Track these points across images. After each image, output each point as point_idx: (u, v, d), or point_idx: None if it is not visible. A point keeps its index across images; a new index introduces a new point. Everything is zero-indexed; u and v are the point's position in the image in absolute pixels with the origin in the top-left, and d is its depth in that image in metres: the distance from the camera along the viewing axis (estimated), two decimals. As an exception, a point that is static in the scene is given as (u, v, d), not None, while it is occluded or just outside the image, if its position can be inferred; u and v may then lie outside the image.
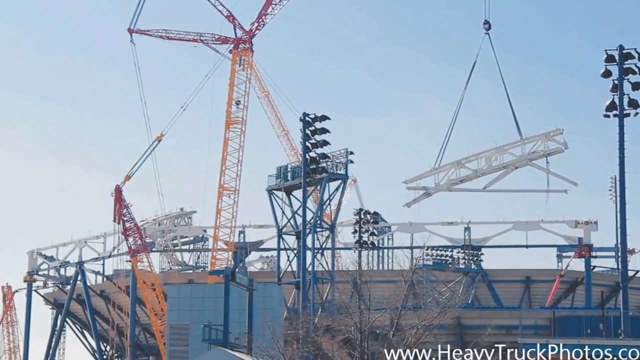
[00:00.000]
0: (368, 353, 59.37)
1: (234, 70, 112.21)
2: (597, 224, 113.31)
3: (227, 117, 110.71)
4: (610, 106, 69.60)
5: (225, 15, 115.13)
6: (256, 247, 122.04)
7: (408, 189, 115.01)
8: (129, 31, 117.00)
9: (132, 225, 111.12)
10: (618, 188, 72.40)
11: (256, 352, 64.85)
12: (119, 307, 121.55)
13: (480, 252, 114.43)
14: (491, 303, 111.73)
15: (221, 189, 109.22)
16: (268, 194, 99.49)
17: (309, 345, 63.23)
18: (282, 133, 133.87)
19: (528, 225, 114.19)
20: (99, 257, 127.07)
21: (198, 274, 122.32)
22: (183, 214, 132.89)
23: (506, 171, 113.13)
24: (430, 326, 60.59)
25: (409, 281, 66.20)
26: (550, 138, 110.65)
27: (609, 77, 69.56)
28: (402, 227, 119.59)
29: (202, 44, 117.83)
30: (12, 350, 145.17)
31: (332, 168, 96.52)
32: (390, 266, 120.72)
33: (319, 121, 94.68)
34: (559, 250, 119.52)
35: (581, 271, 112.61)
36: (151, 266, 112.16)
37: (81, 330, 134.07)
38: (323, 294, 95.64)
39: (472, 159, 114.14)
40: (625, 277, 72.47)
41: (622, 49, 69.44)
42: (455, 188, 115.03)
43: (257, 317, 69.94)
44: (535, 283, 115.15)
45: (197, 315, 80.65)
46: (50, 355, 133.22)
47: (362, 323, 59.35)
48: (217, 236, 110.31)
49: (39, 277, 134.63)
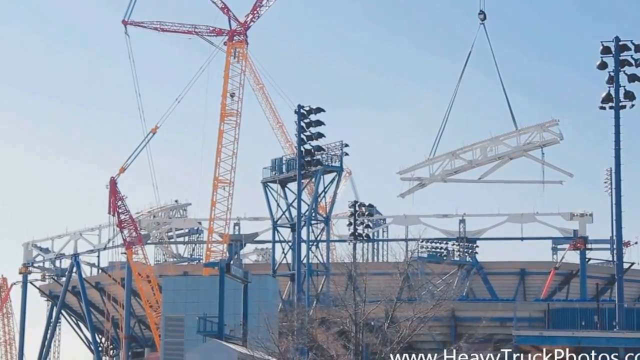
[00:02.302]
0: (363, 345, 59.34)
1: (229, 63, 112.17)
2: (592, 216, 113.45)
3: (222, 109, 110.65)
4: (606, 98, 69.46)
5: (219, 7, 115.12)
6: (251, 239, 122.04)
7: (402, 180, 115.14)
8: (124, 23, 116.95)
9: (127, 217, 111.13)
10: (614, 180, 72.37)
11: (251, 343, 64.81)
12: (114, 299, 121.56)
13: (475, 245, 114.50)
14: (486, 295, 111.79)
15: (216, 181, 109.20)
16: (263, 186, 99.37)
17: (304, 337, 63.16)
18: (277, 125, 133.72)
19: (523, 217, 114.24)
20: (94, 249, 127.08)
21: (193, 266, 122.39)
22: (178, 206, 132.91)
23: (501, 162, 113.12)
24: (425, 318, 60.52)
25: (404, 273, 66.13)
26: (546, 129, 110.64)
27: (605, 68, 69.37)
28: (397, 220, 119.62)
29: (197, 36, 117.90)
30: (7, 342, 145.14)
31: (327, 160, 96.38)
32: (385, 258, 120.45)
33: (314, 113, 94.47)
34: (554, 243, 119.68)
35: (576, 263, 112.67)
36: (146, 258, 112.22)
37: (76, 322, 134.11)
38: (318, 286, 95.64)
39: (467, 149, 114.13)
40: (620, 269, 72.41)
41: (618, 41, 69.31)
42: (450, 179, 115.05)
43: (252, 309, 69.96)
44: (530, 275, 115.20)
45: (192, 307, 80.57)
46: (46, 347, 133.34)
47: (357, 315, 59.27)
48: (212, 228, 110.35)
49: (35, 269, 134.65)
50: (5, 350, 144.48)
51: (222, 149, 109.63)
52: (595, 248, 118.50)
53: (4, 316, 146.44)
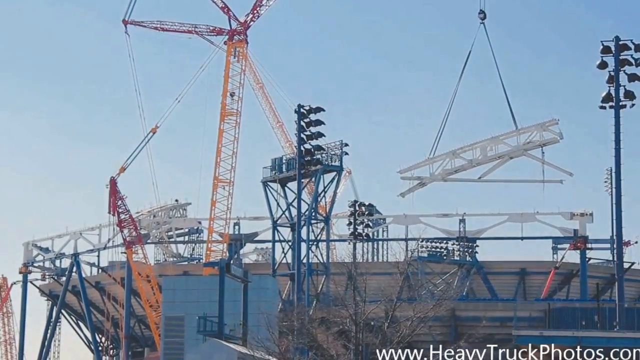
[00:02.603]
0: (363, 345, 59.28)
1: (229, 62, 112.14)
2: (592, 216, 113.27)
3: (222, 108, 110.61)
4: (606, 98, 69.48)
5: (220, 6, 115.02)
6: (251, 238, 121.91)
7: (402, 179, 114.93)
8: (124, 22, 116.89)
9: (127, 217, 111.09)
10: (614, 180, 72.33)
11: (251, 343, 64.77)
12: (114, 299, 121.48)
13: (475, 244, 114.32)
14: (486, 295, 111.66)
15: (216, 180, 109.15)
16: (263, 185, 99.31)
17: (304, 337, 63.11)
18: (277, 125, 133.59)
19: (523, 217, 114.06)
20: (94, 249, 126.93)
21: (193, 265, 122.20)
22: (178, 206, 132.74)
23: (501, 161, 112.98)
24: (425, 318, 60.49)
25: (404, 273, 66.08)
26: (546, 128, 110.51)
27: (605, 68, 69.43)
28: (397, 219, 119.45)
29: (197, 36, 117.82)
30: (7, 341, 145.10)
31: (326, 160, 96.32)
32: (385, 258, 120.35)
33: (314, 113, 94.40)
34: (554, 242, 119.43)
35: (576, 263, 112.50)
36: (146, 258, 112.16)
37: (76, 321, 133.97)
38: (318, 285, 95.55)
39: (467, 149, 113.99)
40: (620, 269, 72.44)
41: (618, 40, 69.33)
42: (450, 178, 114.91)
43: (252, 308, 69.95)
44: (531, 275, 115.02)
45: (192, 306, 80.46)
46: (46, 347, 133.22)
47: (357, 315, 59.23)
48: (212, 228, 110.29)
49: (35, 269, 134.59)
50: (6, 350, 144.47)
51: (222, 148, 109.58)
52: (596, 248, 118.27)
53: (4, 316, 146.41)
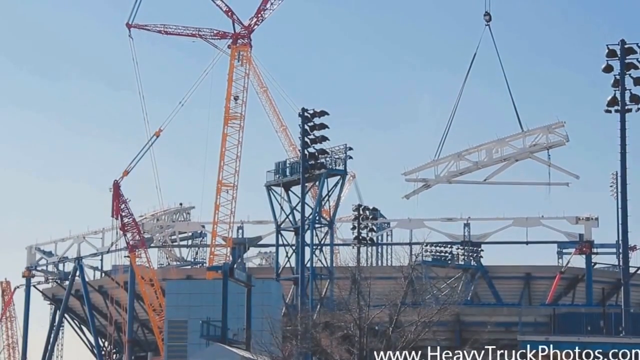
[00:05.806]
0: (367, 350, 58.99)
1: (233, 66, 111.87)
2: (598, 220, 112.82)
3: (226, 112, 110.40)
4: (612, 102, 69.27)
5: (224, 10, 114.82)
6: (255, 243, 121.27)
7: (407, 181, 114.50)
8: (127, 26, 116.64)
9: (131, 220, 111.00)
10: (619, 184, 72.05)
11: (254, 348, 64.64)
12: (117, 303, 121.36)
13: (480, 249, 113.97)
14: (491, 300, 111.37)
15: (220, 184, 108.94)
16: (267, 189, 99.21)
17: (308, 341, 62.92)
18: (281, 129, 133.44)
19: (528, 221, 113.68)
20: (97, 253, 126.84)
21: (196, 269, 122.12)
22: (181, 210, 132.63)
23: (507, 164, 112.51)
24: (429, 323, 60.26)
25: (408, 277, 65.82)
26: (552, 131, 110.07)
27: (611, 72, 69.27)
28: (401, 223, 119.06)
29: (201, 39, 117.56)
30: (11, 345, 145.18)
31: (331, 164, 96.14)
32: (389, 262, 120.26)
33: (318, 117, 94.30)
34: (560, 247, 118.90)
35: (582, 268, 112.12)
36: (149, 262, 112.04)
37: (79, 325, 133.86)
38: (322, 290, 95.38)
39: (472, 151, 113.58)
40: (626, 274, 72.19)
41: (623, 44, 69.19)
42: (455, 180, 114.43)
43: (255, 313, 69.79)
44: (536, 280, 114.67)
45: (195, 311, 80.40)
46: (49, 351, 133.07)
47: (361, 319, 58.99)
48: (216, 232, 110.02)
49: (38, 272, 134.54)
50: (9, 354, 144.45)
51: (226, 152, 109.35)
52: (601, 252, 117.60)
53: (7, 320, 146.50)
